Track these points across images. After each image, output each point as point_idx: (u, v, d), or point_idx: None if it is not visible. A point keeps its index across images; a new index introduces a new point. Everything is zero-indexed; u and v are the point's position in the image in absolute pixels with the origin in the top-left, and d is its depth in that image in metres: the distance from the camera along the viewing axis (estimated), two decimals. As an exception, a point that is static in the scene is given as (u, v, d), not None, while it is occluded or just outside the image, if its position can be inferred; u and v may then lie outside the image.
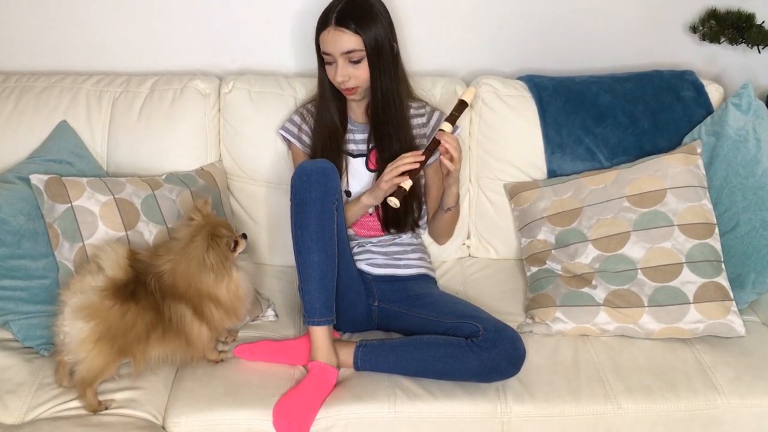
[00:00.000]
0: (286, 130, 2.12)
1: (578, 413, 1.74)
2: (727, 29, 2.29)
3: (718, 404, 1.75)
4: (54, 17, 2.32)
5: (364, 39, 1.90)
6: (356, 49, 1.90)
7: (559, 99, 2.22)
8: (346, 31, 1.89)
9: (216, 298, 1.74)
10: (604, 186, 2.07)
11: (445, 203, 2.06)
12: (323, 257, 1.76)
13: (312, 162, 1.82)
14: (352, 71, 1.93)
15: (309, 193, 1.75)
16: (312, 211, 1.75)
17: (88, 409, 1.70)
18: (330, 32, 1.90)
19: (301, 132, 2.10)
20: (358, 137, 2.08)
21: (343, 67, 1.93)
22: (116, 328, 1.65)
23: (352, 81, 1.94)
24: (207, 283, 1.71)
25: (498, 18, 2.38)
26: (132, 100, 2.18)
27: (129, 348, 1.69)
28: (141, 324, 1.68)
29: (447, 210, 2.07)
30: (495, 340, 1.73)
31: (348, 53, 1.91)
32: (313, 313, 1.76)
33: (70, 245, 1.85)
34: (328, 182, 1.78)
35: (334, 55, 1.92)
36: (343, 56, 1.91)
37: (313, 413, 1.70)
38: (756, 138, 2.00)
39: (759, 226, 1.95)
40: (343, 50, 1.91)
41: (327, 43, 1.92)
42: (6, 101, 2.15)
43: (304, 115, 2.12)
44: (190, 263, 1.70)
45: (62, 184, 1.88)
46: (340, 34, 1.89)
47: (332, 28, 1.90)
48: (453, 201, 2.05)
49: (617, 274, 1.96)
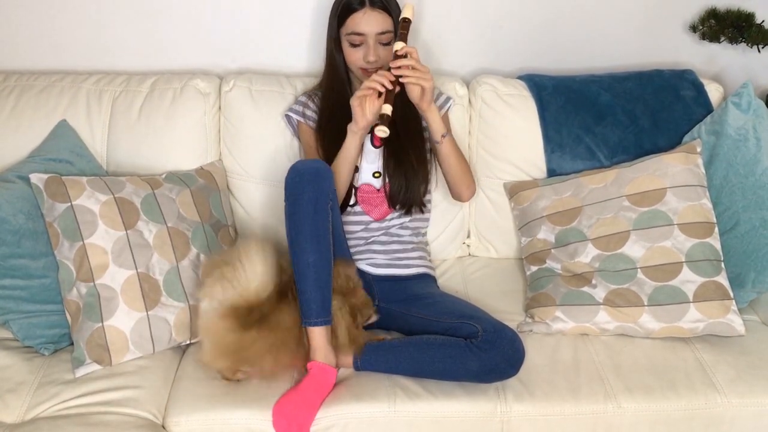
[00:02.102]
0: (292, 111, 2.14)
1: (578, 412, 1.74)
2: (726, 28, 2.29)
3: (717, 403, 1.75)
4: (54, 16, 2.32)
5: (394, 20, 1.99)
6: (389, 29, 1.99)
7: (559, 98, 2.22)
8: (382, 11, 1.98)
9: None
10: (604, 185, 2.07)
11: (434, 133, 2.01)
12: (318, 257, 1.75)
13: (305, 162, 1.82)
14: (380, 51, 2.00)
15: (302, 194, 1.75)
16: (306, 212, 1.75)
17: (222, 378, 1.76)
18: (366, 13, 1.97)
19: (306, 108, 2.12)
20: None
21: (375, 48, 1.98)
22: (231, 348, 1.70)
23: (379, 61, 1.99)
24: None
25: (498, 17, 2.38)
26: (132, 99, 2.18)
27: (251, 360, 1.72)
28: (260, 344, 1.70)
29: (440, 141, 2.01)
30: (494, 340, 1.73)
31: (382, 34, 1.98)
32: (310, 314, 1.76)
33: (70, 244, 1.85)
34: (322, 182, 1.78)
35: (367, 36, 1.98)
36: (376, 37, 1.98)
37: (312, 413, 1.70)
38: (756, 137, 2.00)
39: (759, 225, 1.95)
40: (378, 30, 1.98)
41: (362, 24, 1.97)
42: (6, 100, 2.15)
43: (311, 95, 2.15)
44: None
45: (62, 184, 1.88)
46: (377, 15, 1.97)
47: (368, 9, 1.97)
48: (440, 127, 2.00)
49: (617, 274, 1.96)
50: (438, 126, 2.00)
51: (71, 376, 1.78)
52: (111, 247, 1.84)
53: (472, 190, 2.14)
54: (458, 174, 2.10)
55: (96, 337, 1.79)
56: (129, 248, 1.86)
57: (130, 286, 1.83)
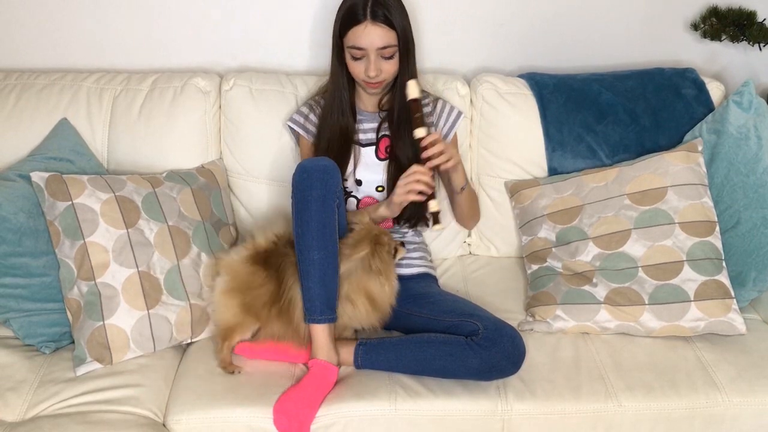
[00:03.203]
0: (293, 122, 2.12)
1: (579, 411, 1.74)
2: (728, 27, 2.29)
3: (718, 402, 1.75)
4: (54, 15, 2.32)
5: (398, 34, 1.92)
6: (391, 44, 1.92)
7: (560, 97, 2.22)
8: (383, 26, 1.90)
9: (372, 297, 1.81)
10: (605, 184, 2.07)
11: (455, 186, 2.05)
12: (324, 255, 1.76)
13: (312, 160, 1.81)
14: (383, 65, 1.94)
15: (310, 191, 1.75)
16: (313, 210, 1.75)
17: (220, 365, 1.81)
18: (366, 27, 1.89)
19: (307, 122, 2.11)
20: (367, 126, 2.09)
21: (376, 62, 1.93)
22: (243, 282, 1.81)
23: (381, 75, 1.95)
24: (370, 283, 1.82)
25: (499, 16, 2.38)
26: (132, 97, 2.18)
27: (254, 308, 1.81)
28: (265, 289, 1.81)
29: (461, 190, 2.06)
30: (495, 338, 1.73)
31: (383, 48, 1.91)
32: (314, 311, 1.76)
33: (70, 243, 1.85)
34: (329, 180, 1.77)
35: (367, 50, 1.92)
36: (377, 51, 1.92)
37: (313, 411, 1.70)
38: (757, 136, 2.00)
39: (760, 223, 1.95)
40: (379, 45, 1.91)
41: (361, 38, 1.90)
42: (6, 99, 2.15)
43: (312, 106, 2.13)
44: (355, 265, 1.81)
45: (63, 182, 1.88)
46: (377, 29, 1.89)
47: (368, 23, 1.89)
48: (462, 180, 2.04)
49: (618, 272, 1.96)
50: (459, 181, 2.04)
51: (72, 375, 1.78)
52: (112, 246, 1.84)
53: (476, 222, 2.24)
54: (468, 214, 2.18)
55: (97, 335, 1.79)
56: (130, 247, 1.86)
57: (130, 284, 1.83)
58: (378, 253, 1.81)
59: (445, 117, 2.13)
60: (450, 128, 2.13)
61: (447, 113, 2.14)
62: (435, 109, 2.13)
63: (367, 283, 1.81)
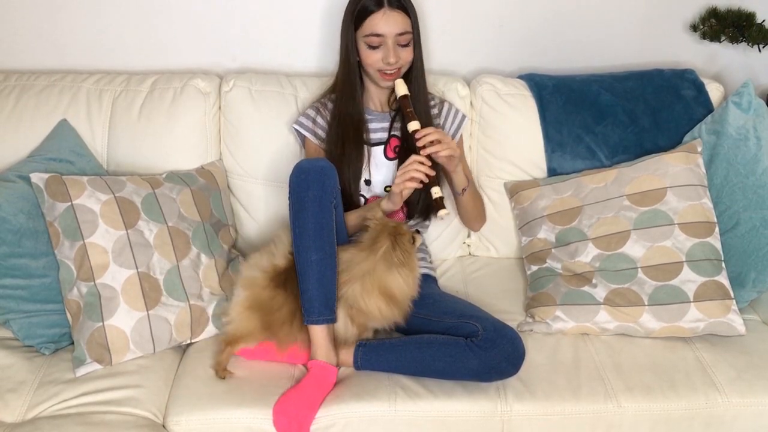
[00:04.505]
0: (300, 124, 2.11)
1: (578, 412, 1.74)
2: (727, 28, 2.29)
3: (718, 403, 1.75)
4: (54, 16, 2.32)
5: (412, 21, 1.97)
6: (408, 30, 1.97)
7: (560, 98, 2.22)
8: (400, 12, 1.95)
9: (392, 294, 1.80)
10: (605, 185, 2.07)
11: (456, 186, 2.06)
12: (322, 256, 1.76)
13: (309, 160, 1.82)
14: (400, 53, 1.98)
15: (307, 192, 1.75)
16: (310, 210, 1.75)
17: (214, 366, 1.81)
18: (385, 13, 1.94)
19: (315, 126, 2.10)
20: (376, 126, 2.09)
21: (394, 49, 1.96)
22: (265, 305, 1.80)
23: (399, 62, 1.98)
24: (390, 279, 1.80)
25: (498, 17, 2.38)
26: (132, 98, 2.18)
27: (272, 327, 1.80)
28: (286, 309, 1.80)
29: (462, 192, 2.07)
30: (494, 339, 1.73)
31: (401, 35, 1.96)
32: (312, 312, 1.76)
33: (70, 244, 1.85)
34: (326, 181, 1.77)
35: (386, 37, 1.95)
36: (395, 38, 1.95)
37: (313, 412, 1.70)
38: (756, 137, 2.00)
39: (759, 224, 1.95)
40: (398, 31, 1.95)
41: (380, 25, 1.94)
42: (6, 100, 2.15)
43: (319, 108, 2.12)
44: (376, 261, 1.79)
45: (62, 183, 1.88)
46: (396, 15, 1.95)
47: (387, 9, 1.94)
48: (463, 181, 2.05)
49: (617, 273, 1.96)
50: (460, 182, 2.04)
51: (72, 376, 1.78)
52: (111, 247, 1.84)
53: (483, 223, 2.24)
54: (474, 215, 2.18)
55: (96, 336, 1.79)
56: (129, 248, 1.86)
57: (130, 285, 1.83)
58: (399, 244, 1.80)
59: (452, 119, 2.15)
60: (456, 130, 2.15)
61: (453, 115, 2.16)
62: (441, 111, 2.14)
63: (387, 279, 1.80)
